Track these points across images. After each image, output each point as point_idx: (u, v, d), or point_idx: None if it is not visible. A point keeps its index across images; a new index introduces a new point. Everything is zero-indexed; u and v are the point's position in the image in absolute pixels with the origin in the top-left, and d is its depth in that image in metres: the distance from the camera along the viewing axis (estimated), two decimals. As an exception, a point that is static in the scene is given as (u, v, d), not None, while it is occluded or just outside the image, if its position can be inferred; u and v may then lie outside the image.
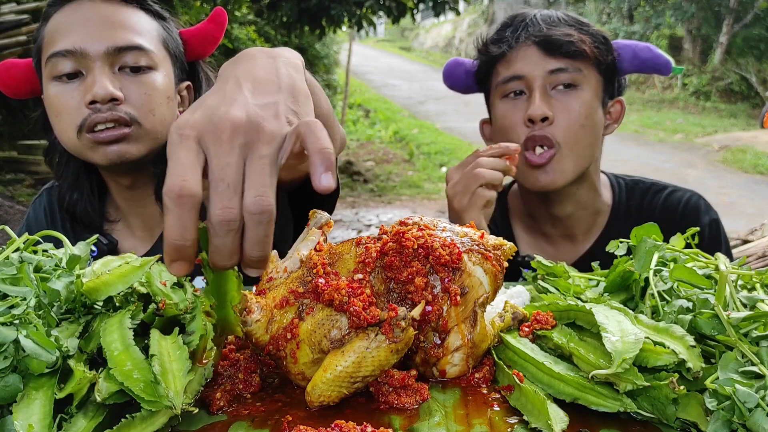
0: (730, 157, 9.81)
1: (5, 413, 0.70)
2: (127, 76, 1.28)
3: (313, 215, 0.98)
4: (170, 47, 1.38)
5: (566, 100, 1.45)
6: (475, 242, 0.84)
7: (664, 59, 1.50)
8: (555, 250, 1.61)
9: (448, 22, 25.28)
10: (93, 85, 1.24)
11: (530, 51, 1.46)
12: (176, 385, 0.71)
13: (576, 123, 1.44)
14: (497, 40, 1.52)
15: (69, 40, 1.25)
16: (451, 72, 1.64)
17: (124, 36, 1.27)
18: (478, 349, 0.86)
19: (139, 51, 1.28)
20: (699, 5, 15.58)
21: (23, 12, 5.73)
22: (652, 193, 1.59)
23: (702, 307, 0.84)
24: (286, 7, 7.02)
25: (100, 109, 1.25)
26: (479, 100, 1.67)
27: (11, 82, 1.38)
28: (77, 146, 1.30)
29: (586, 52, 1.44)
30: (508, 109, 1.49)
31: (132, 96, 1.28)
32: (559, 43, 1.43)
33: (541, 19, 1.50)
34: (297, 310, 0.81)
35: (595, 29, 1.51)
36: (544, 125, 1.43)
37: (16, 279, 0.81)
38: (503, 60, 1.50)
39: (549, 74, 1.44)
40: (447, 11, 7.70)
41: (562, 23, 1.49)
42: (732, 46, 15.28)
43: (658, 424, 0.75)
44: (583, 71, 1.45)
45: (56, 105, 1.28)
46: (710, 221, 1.53)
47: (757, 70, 14.72)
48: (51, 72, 1.28)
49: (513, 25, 1.52)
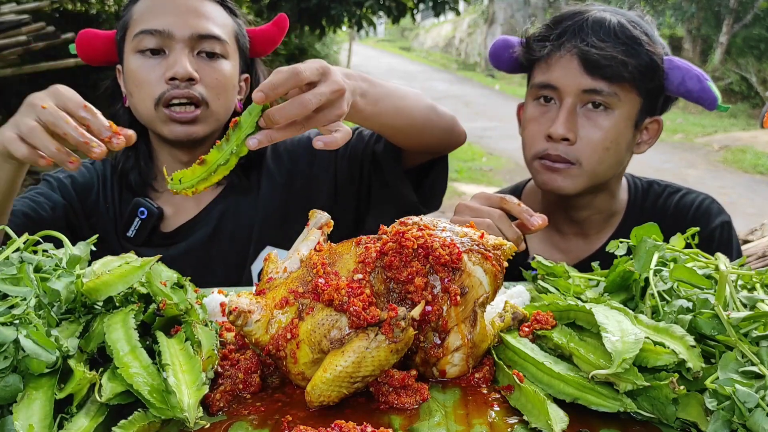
0: (730, 157, 9.81)
1: (5, 413, 0.70)
2: (203, 61, 1.42)
3: (313, 215, 0.98)
4: (240, 42, 1.52)
5: (594, 121, 1.40)
6: (475, 242, 0.84)
7: (711, 95, 1.41)
8: (567, 247, 1.60)
9: (448, 22, 25.29)
10: (175, 64, 1.37)
11: (570, 63, 1.39)
12: (191, 398, 0.71)
13: (600, 146, 1.41)
14: (541, 38, 1.45)
15: (159, 21, 1.39)
16: (498, 53, 1.58)
17: (206, 25, 1.42)
18: (478, 349, 0.86)
19: (217, 40, 1.43)
20: (699, 5, 15.58)
21: (23, 12, 5.72)
22: (666, 195, 1.59)
23: (702, 307, 0.84)
24: (286, 7, 7.02)
25: (177, 86, 1.37)
26: (479, 100, 1.67)
27: (92, 51, 1.51)
28: (152, 117, 1.41)
29: (627, 78, 1.37)
30: (536, 116, 1.46)
31: (206, 78, 1.40)
32: (600, 64, 1.36)
33: (592, 26, 1.40)
34: (297, 310, 0.81)
35: (650, 48, 1.39)
36: (564, 143, 1.41)
37: (16, 279, 0.81)
38: (543, 62, 1.44)
39: (582, 93, 1.39)
40: (447, 11, 7.70)
41: (611, 38, 1.38)
42: (732, 46, 15.28)
43: (658, 424, 0.75)
44: (619, 95, 1.39)
45: (138, 76, 1.40)
46: (721, 223, 1.52)
47: (757, 70, 14.72)
48: (136, 46, 1.40)
49: (561, 27, 1.43)
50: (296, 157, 1.59)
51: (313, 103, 0.96)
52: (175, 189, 0.97)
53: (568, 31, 1.41)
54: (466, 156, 9.92)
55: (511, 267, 0.90)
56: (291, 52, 10.32)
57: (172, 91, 1.37)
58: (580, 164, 1.41)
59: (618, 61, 1.35)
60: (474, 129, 12.40)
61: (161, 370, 0.74)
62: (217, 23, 1.44)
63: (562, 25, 1.43)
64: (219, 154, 0.97)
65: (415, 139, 1.43)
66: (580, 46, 1.37)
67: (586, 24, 1.40)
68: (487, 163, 9.65)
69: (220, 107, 1.45)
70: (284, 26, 1.58)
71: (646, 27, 1.43)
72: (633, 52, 1.37)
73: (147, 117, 1.43)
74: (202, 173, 0.97)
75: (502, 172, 8.95)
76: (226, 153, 0.97)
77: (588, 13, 1.43)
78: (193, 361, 0.77)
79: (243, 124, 0.96)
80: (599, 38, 1.38)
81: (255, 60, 1.60)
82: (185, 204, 1.54)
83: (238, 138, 0.96)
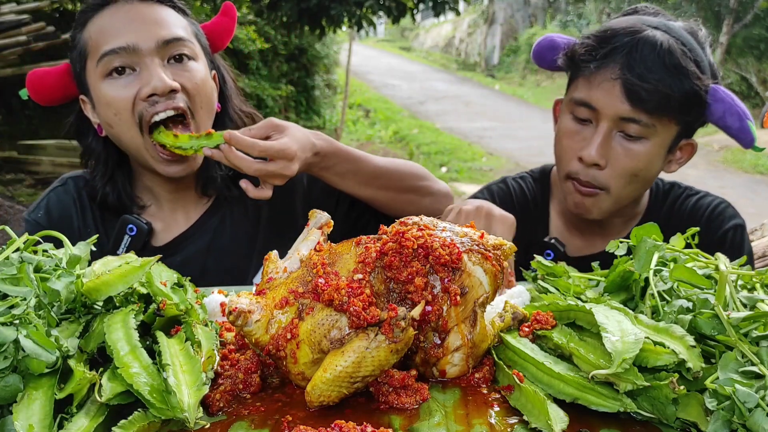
0: (730, 157, 9.80)
1: (5, 413, 0.70)
2: (175, 67, 1.36)
3: (312, 215, 0.98)
4: (201, 41, 1.46)
5: (627, 149, 1.38)
6: (475, 242, 0.84)
7: (749, 136, 1.38)
8: (583, 242, 1.62)
9: (448, 22, 25.28)
10: (150, 78, 1.30)
11: (613, 88, 1.35)
12: (191, 398, 0.71)
13: (629, 172, 1.40)
14: (587, 53, 1.40)
15: (120, 38, 1.32)
16: (542, 54, 1.55)
17: (168, 30, 1.36)
18: (478, 349, 0.86)
19: (183, 41, 1.37)
20: (699, 5, 15.57)
21: (23, 12, 5.72)
22: (684, 197, 1.60)
23: (702, 307, 0.84)
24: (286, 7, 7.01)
25: (157, 101, 1.31)
26: (479, 100, 1.67)
27: (46, 91, 1.42)
28: (139, 147, 1.36)
29: (668, 111, 1.34)
30: (570, 133, 1.45)
31: (185, 84, 1.35)
32: (642, 97, 1.32)
33: (641, 51, 1.34)
34: (297, 310, 0.81)
35: (696, 82, 1.34)
36: (595, 168, 1.41)
37: (16, 279, 0.81)
38: (584, 77, 1.41)
39: (620, 120, 1.36)
40: (447, 11, 7.69)
41: (659, 66, 1.32)
42: (732, 46, 15.26)
43: (658, 424, 0.75)
44: (656, 126, 1.36)
45: (113, 101, 1.32)
46: (734, 226, 1.53)
47: (757, 70, 14.72)
48: (103, 70, 1.32)
49: (609, 46, 1.37)
50: None
51: (255, 151, 1.25)
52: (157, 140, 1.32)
53: (617, 52, 1.36)
54: (466, 156, 9.92)
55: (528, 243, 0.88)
56: (291, 52, 10.30)
57: (150, 108, 1.30)
58: (608, 190, 1.42)
59: (662, 95, 1.32)
60: (474, 129, 12.40)
61: (161, 370, 0.74)
62: (177, 26, 1.39)
63: (611, 44, 1.37)
64: (188, 142, 1.31)
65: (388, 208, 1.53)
66: (626, 74, 1.33)
67: (635, 48, 1.34)
68: (487, 163, 9.65)
69: (204, 116, 1.40)
70: (233, 14, 1.52)
71: (696, 51, 1.38)
72: (679, 85, 1.33)
73: (134, 147, 1.36)
74: (172, 141, 1.31)
75: (502, 172, 8.95)
76: (191, 144, 1.31)
77: (639, 34, 1.36)
78: (193, 361, 0.77)
79: (214, 137, 1.29)
80: (646, 66, 1.33)
81: (215, 57, 1.54)
82: (174, 218, 1.51)
83: (202, 143, 1.30)
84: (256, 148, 1.24)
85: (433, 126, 12.58)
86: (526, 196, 1.68)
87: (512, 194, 1.68)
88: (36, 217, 1.49)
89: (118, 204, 1.46)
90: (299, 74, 10.74)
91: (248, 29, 8.63)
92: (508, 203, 1.66)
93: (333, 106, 12.46)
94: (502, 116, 12.82)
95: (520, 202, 1.67)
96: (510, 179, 1.73)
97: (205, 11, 6.75)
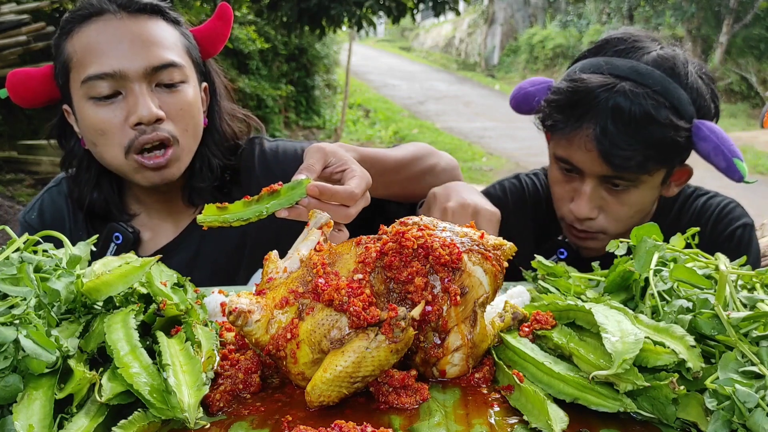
0: (730, 157, 9.82)
1: (5, 413, 0.70)
2: (163, 92, 1.32)
3: (312, 215, 0.98)
4: (192, 54, 1.41)
5: (618, 197, 1.39)
6: (475, 242, 0.84)
7: (736, 175, 1.33)
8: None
9: (448, 22, 25.28)
10: (136, 106, 1.27)
11: (590, 151, 1.33)
12: (191, 398, 0.71)
13: (625, 217, 1.41)
14: (557, 113, 1.38)
15: (105, 62, 1.27)
16: (519, 106, 1.54)
17: (158, 54, 1.30)
18: (478, 349, 0.86)
19: (174, 67, 1.32)
20: (699, 5, 15.58)
21: (23, 12, 5.72)
22: (693, 197, 1.60)
23: (702, 307, 0.84)
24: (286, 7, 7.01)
25: (144, 131, 1.29)
26: (479, 100, 1.67)
27: (28, 94, 1.38)
28: (122, 165, 1.33)
29: (650, 167, 1.33)
30: (559, 182, 1.45)
31: (170, 111, 1.32)
32: (620, 162, 1.31)
33: (612, 116, 1.29)
34: (297, 310, 0.81)
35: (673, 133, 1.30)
36: (588, 220, 1.42)
37: (16, 279, 0.81)
38: (563, 134, 1.38)
39: (604, 177, 1.36)
40: (447, 11, 7.69)
41: (632, 132, 1.28)
42: (732, 46, 15.27)
43: (658, 424, 0.75)
44: (642, 178, 1.36)
45: (99, 125, 1.30)
46: (742, 225, 1.53)
47: (757, 70, 14.72)
48: (88, 93, 1.29)
49: (578, 108, 1.33)
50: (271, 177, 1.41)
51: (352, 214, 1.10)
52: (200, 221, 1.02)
53: (587, 119, 1.33)
54: (466, 156, 9.92)
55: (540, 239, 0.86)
56: (291, 52, 10.31)
57: (141, 137, 1.28)
58: (606, 232, 1.44)
59: (641, 157, 1.31)
60: (474, 129, 12.40)
61: (161, 371, 0.74)
62: (167, 46, 1.33)
63: (580, 107, 1.34)
64: (243, 210, 1.02)
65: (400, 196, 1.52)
66: (602, 144, 1.31)
67: (606, 115, 1.30)
68: (487, 163, 9.65)
69: (190, 141, 1.37)
70: (228, 17, 1.45)
71: (671, 92, 1.32)
72: (657, 144, 1.31)
73: (117, 165, 1.34)
74: (219, 215, 1.02)
75: (502, 172, 8.95)
76: (252, 212, 1.01)
77: (608, 94, 1.31)
78: (193, 361, 0.77)
79: (282, 195, 1.03)
80: (619, 136, 1.29)
81: (207, 63, 1.48)
82: (163, 226, 1.49)
83: (272, 206, 1.02)
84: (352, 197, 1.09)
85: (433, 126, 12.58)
86: (539, 193, 1.68)
87: (525, 190, 1.68)
88: (29, 219, 1.48)
89: (106, 211, 1.44)
90: (299, 74, 10.75)
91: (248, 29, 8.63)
92: (520, 199, 1.66)
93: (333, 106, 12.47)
94: (502, 116, 12.82)
95: (533, 199, 1.67)
96: (523, 175, 1.72)
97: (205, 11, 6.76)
